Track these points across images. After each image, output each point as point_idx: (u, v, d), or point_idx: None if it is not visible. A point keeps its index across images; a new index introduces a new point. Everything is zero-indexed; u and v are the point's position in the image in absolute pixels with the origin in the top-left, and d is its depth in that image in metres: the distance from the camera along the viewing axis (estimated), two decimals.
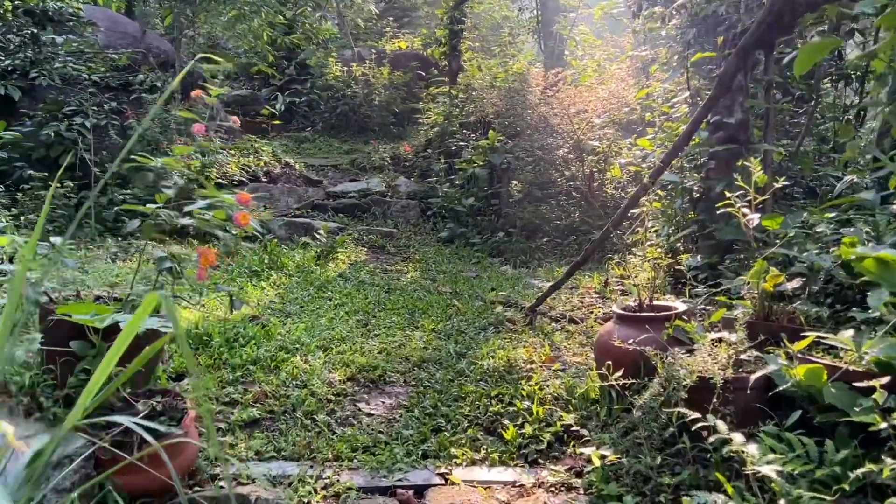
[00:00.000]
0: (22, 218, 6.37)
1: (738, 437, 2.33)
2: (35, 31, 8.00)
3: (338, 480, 2.88)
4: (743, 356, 2.81)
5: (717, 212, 5.58)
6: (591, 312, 5.21)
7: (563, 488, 2.83)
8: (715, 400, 2.61)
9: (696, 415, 2.42)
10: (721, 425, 2.38)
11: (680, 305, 3.48)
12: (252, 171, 9.50)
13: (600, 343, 3.46)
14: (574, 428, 3.16)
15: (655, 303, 3.60)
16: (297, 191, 9.70)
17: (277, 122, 11.84)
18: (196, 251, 2.82)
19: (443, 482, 2.92)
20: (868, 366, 2.50)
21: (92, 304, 2.73)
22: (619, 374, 3.04)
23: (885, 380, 2.27)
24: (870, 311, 2.91)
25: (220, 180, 8.35)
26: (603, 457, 2.79)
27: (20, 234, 6.58)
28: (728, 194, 3.22)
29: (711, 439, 2.42)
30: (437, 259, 7.80)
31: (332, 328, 4.92)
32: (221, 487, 2.80)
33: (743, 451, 2.25)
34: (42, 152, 8.23)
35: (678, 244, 5.76)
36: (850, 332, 2.71)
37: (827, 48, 3.37)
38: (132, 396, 2.92)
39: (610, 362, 3.22)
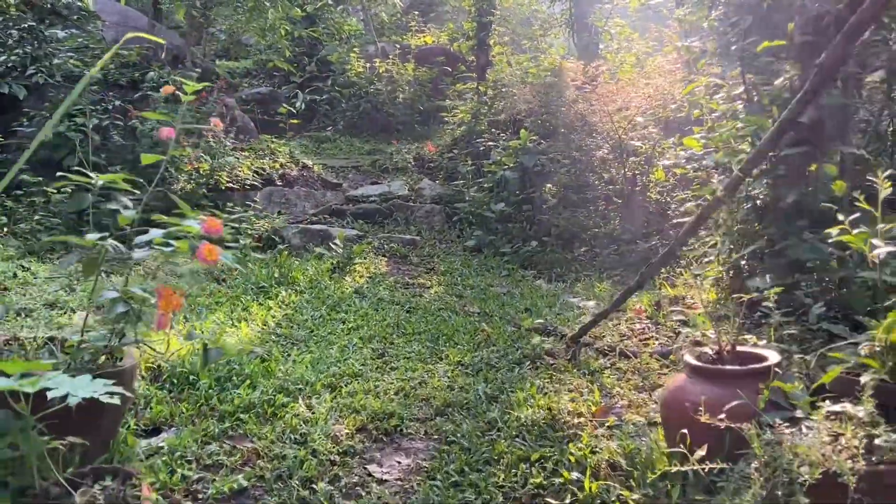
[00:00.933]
0: (4, 229, 5.83)
1: None
2: (33, 24, 7.49)
3: None
4: (878, 440, 2.09)
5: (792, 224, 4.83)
6: (645, 344, 4.49)
7: None
8: None
9: None
10: None
11: (771, 354, 2.76)
12: (266, 173, 8.91)
13: (670, 403, 2.75)
14: None
15: (739, 348, 2.88)
16: (314, 195, 9.09)
17: (295, 121, 11.25)
18: (157, 292, 2.18)
19: None
20: None
21: (19, 362, 2.10)
22: (701, 452, 2.33)
23: None
24: None
25: (231, 184, 7.77)
26: None
27: (8, 246, 6.06)
28: (841, 217, 2.50)
29: None
30: (463, 271, 7.12)
31: (343, 360, 4.28)
32: None
33: None
34: (45, 154, 7.72)
35: (742, 262, 5.01)
36: None
37: None
38: (77, 477, 2.30)
39: (685, 431, 2.52)
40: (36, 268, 5.45)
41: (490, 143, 9.30)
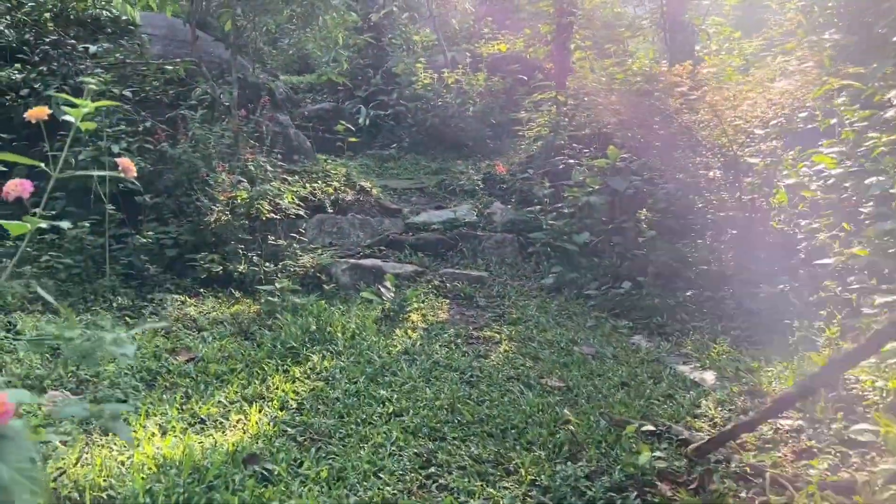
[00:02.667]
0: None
1: None
2: (56, 38, 6.78)
3: None
4: None
5: None
6: (804, 460, 3.09)
7: None
8: None
9: None
10: None
11: None
12: (318, 199, 7.93)
13: None
14: None
15: None
16: (370, 223, 8.04)
17: (353, 139, 10.28)
18: None
19: None
20: None
21: None
22: None
23: None
24: None
25: (272, 214, 6.80)
26: None
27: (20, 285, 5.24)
28: None
29: None
30: (539, 319, 5.84)
31: (373, 472, 3.12)
32: None
33: None
34: (80, 181, 7.00)
35: None
36: None
37: None
38: None
39: None
40: (26, 324, 4.58)
41: (570, 161, 8.00)
